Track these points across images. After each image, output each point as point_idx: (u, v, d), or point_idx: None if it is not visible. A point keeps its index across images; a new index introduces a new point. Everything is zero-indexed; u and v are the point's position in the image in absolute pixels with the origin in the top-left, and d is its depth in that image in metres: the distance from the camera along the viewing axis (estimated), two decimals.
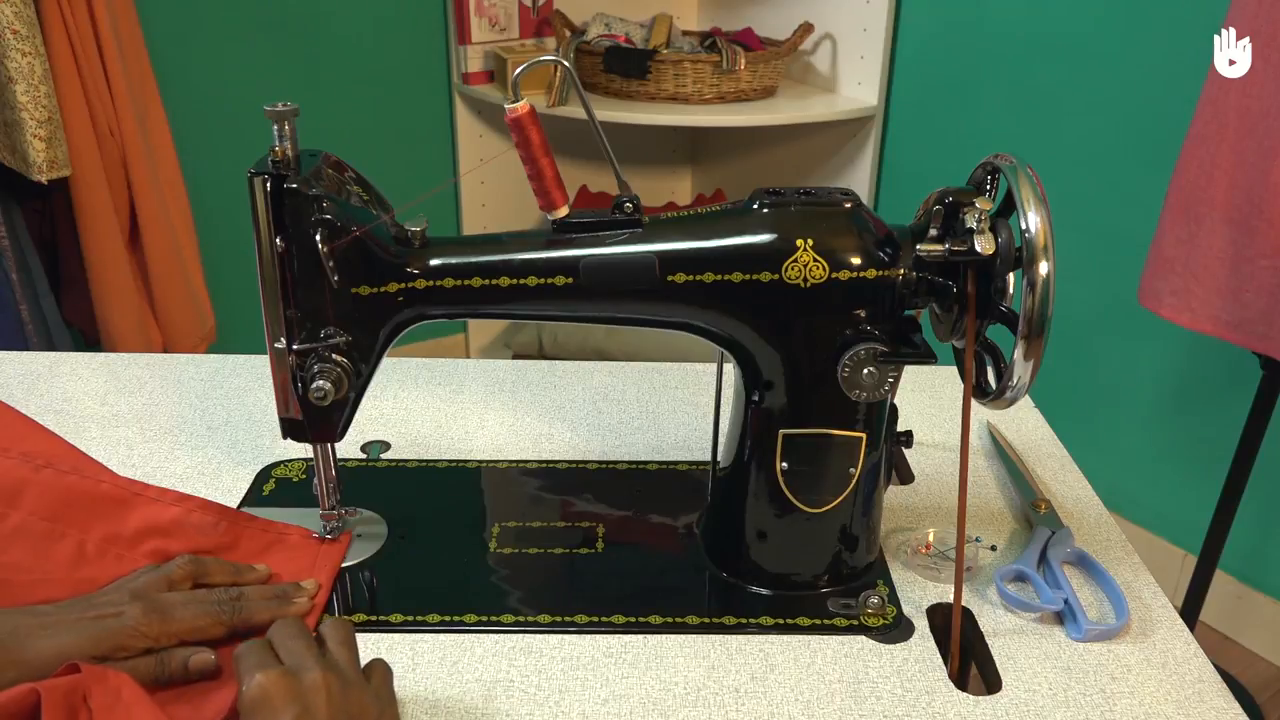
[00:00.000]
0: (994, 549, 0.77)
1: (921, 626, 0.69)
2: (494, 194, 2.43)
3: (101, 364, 1.00)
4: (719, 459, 0.76)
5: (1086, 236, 1.73)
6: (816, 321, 0.65)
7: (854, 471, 0.69)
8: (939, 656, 0.67)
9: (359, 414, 0.71)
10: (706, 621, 0.69)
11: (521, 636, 0.67)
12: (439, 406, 0.96)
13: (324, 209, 0.63)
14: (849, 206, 0.65)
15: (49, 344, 1.70)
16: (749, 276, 0.64)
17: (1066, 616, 0.69)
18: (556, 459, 0.88)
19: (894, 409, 0.70)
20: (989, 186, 0.65)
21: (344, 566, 0.73)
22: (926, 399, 0.99)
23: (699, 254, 0.65)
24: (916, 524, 0.80)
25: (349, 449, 0.88)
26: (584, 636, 0.67)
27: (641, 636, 0.68)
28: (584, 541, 0.77)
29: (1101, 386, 1.81)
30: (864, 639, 0.68)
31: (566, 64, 0.66)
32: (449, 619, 0.68)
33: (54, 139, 1.54)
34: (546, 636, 0.67)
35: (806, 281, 0.64)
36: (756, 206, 0.65)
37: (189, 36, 1.99)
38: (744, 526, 0.73)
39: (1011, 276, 0.62)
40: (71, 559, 0.69)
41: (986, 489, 0.85)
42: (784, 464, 0.69)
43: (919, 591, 0.72)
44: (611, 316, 0.69)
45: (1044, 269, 0.58)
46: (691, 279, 0.65)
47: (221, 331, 1.98)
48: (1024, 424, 0.95)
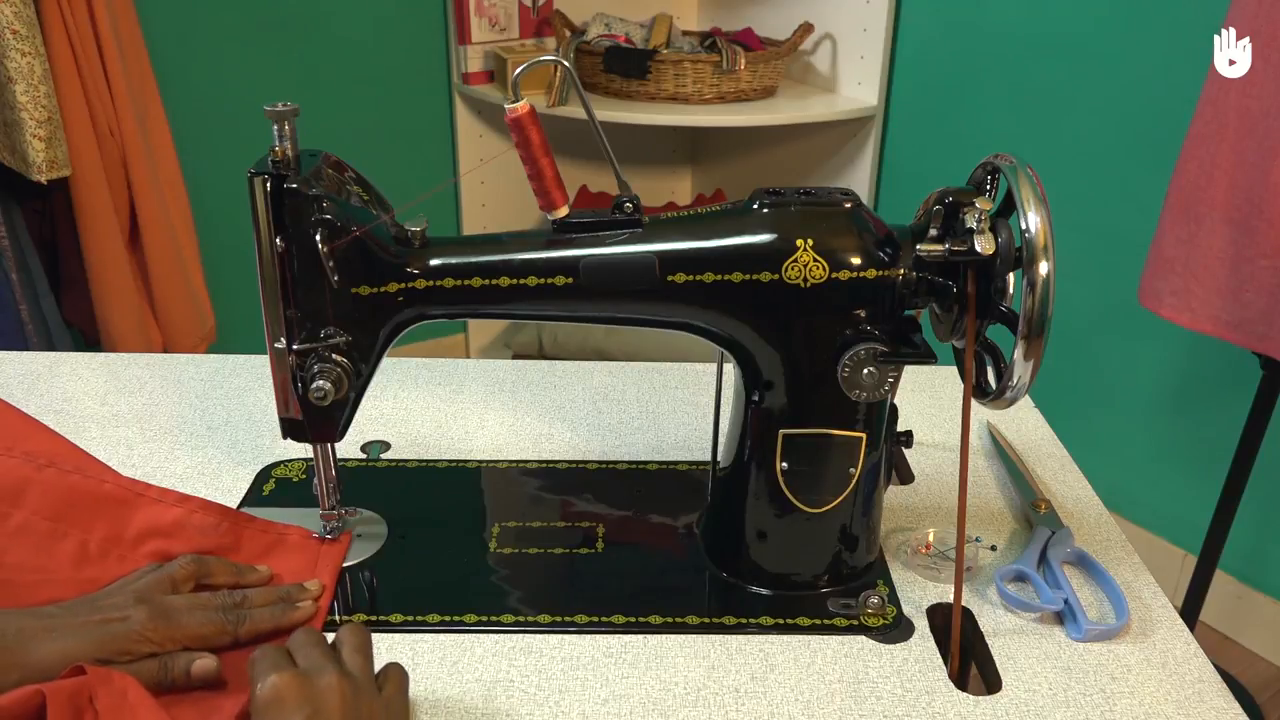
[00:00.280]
0: (994, 549, 0.77)
1: (921, 626, 0.69)
2: (494, 194, 2.43)
3: (101, 364, 1.00)
4: (719, 459, 0.76)
5: (1086, 236, 1.73)
6: (816, 321, 0.65)
7: (854, 471, 0.69)
8: (939, 656, 0.67)
9: (359, 414, 0.71)
10: (706, 621, 0.69)
11: (521, 636, 0.67)
12: (439, 406, 0.96)
13: (324, 209, 0.63)
14: (849, 206, 0.65)
15: (49, 344, 1.70)
16: (749, 276, 0.64)
17: (1066, 616, 0.69)
18: (556, 459, 0.88)
19: (894, 409, 0.70)
20: (989, 186, 0.65)
21: (344, 566, 0.73)
22: (926, 399, 0.99)
23: (699, 254, 0.65)
24: (916, 524, 0.80)
25: (349, 449, 0.88)
26: (584, 636, 0.67)
27: (641, 636, 0.68)
28: (584, 541, 0.77)
29: (1101, 386, 1.81)
30: (864, 639, 0.68)
31: (566, 64, 0.66)
32: (449, 619, 0.68)
33: (54, 139, 1.54)
34: (546, 636, 0.67)
35: (806, 281, 0.64)
36: (756, 206, 0.65)
37: (189, 36, 1.99)
38: (744, 526, 0.73)
39: (1011, 276, 0.62)
40: (74, 559, 0.69)
41: (986, 489, 0.86)
42: (784, 464, 0.69)
43: (919, 591, 0.72)
44: (611, 316, 0.69)
45: (1044, 269, 0.58)
46: (691, 279, 0.65)
47: (221, 331, 1.98)
48: (1024, 424, 0.95)
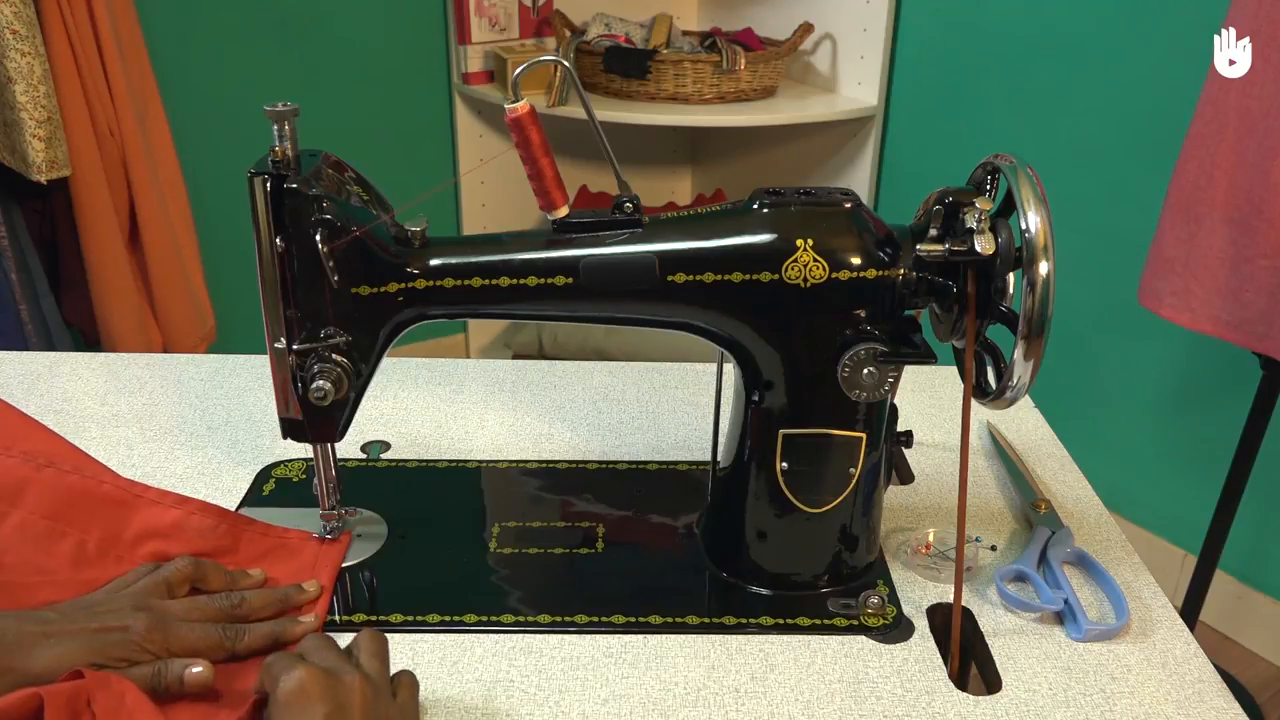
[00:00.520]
0: (994, 549, 0.77)
1: (921, 626, 0.69)
2: (494, 194, 2.43)
3: (101, 364, 1.00)
4: (719, 459, 0.76)
5: (1086, 236, 1.73)
6: (816, 321, 0.65)
7: (854, 471, 0.69)
8: (939, 656, 0.67)
9: (359, 414, 0.71)
10: (706, 621, 0.69)
11: (521, 636, 0.67)
12: (439, 406, 0.96)
13: (324, 209, 0.63)
14: (849, 206, 0.65)
15: (49, 344, 1.70)
16: (749, 276, 0.64)
17: (1066, 616, 0.69)
18: (556, 459, 0.88)
19: (894, 409, 0.70)
20: (989, 186, 0.65)
21: (344, 566, 0.73)
22: (926, 399, 0.99)
23: (699, 254, 0.65)
24: (916, 524, 0.80)
25: (349, 449, 0.88)
26: (584, 636, 0.67)
27: (641, 636, 0.68)
28: (584, 541, 0.77)
29: (1101, 386, 1.82)
30: (864, 639, 0.68)
31: (566, 64, 0.66)
32: (449, 619, 0.68)
33: (53, 139, 1.54)
34: (546, 636, 0.67)
35: (806, 281, 0.64)
36: (756, 206, 0.65)
37: (189, 36, 1.99)
38: (744, 526, 0.73)
39: (1011, 276, 0.62)
40: (72, 559, 0.69)
41: (986, 489, 0.86)
42: (784, 464, 0.69)
43: (919, 591, 0.72)
44: (611, 316, 0.69)
45: (1044, 269, 0.58)
46: (691, 279, 0.65)
47: (221, 331, 1.98)
48: (1024, 424, 0.95)
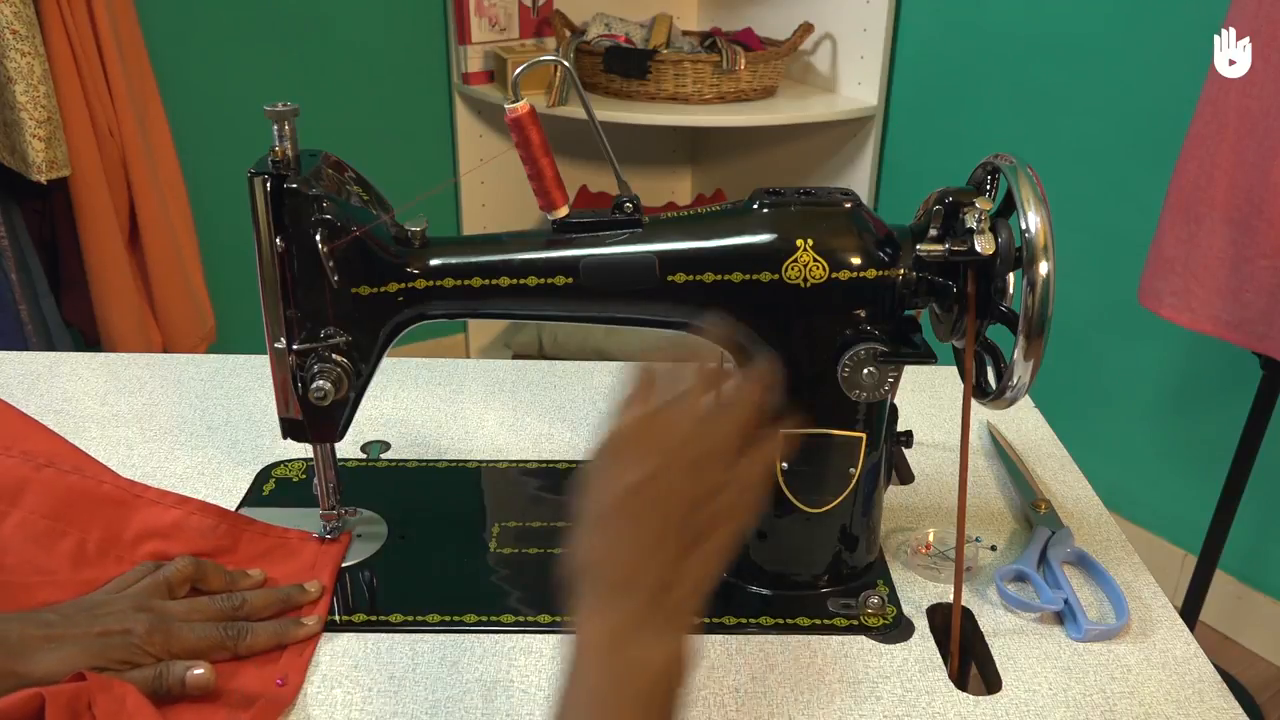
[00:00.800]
0: (994, 549, 0.77)
1: (921, 626, 0.69)
2: (494, 194, 2.43)
3: (101, 364, 1.00)
4: None
5: (1086, 236, 1.73)
6: (816, 321, 0.65)
7: (854, 471, 0.69)
8: (939, 656, 0.67)
9: (359, 414, 0.71)
10: (706, 621, 0.69)
11: (521, 636, 0.67)
12: (439, 406, 0.96)
13: (324, 209, 0.63)
14: (849, 206, 0.65)
15: (49, 344, 1.70)
16: (749, 276, 0.64)
17: (1066, 616, 0.69)
18: (556, 459, 0.88)
19: (894, 409, 0.70)
20: (989, 186, 0.65)
21: (344, 566, 0.73)
22: (926, 399, 0.99)
23: (699, 254, 0.65)
24: (916, 524, 0.80)
25: (349, 449, 0.88)
26: None
27: None
28: None
29: (1101, 386, 1.82)
30: (864, 639, 0.68)
31: (566, 64, 0.66)
32: (449, 619, 0.68)
33: (53, 139, 1.54)
34: (546, 636, 0.67)
35: (806, 281, 0.64)
36: (756, 206, 0.65)
37: (189, 36, 1.99)
38: None
39: (1011, 276, 0.62)
40: (72, 559, 0.69)
41: (986, 489, 0.85)
42: (784, 464, 0.69)
43: (919, 591, 0.72)
44: (611, 316, 0.69)
45: (1044, 269, 0.58)
46: (691, 279, 0.65)
47: (221, 331, 1.98)
48: (1024, 424, 0.95)
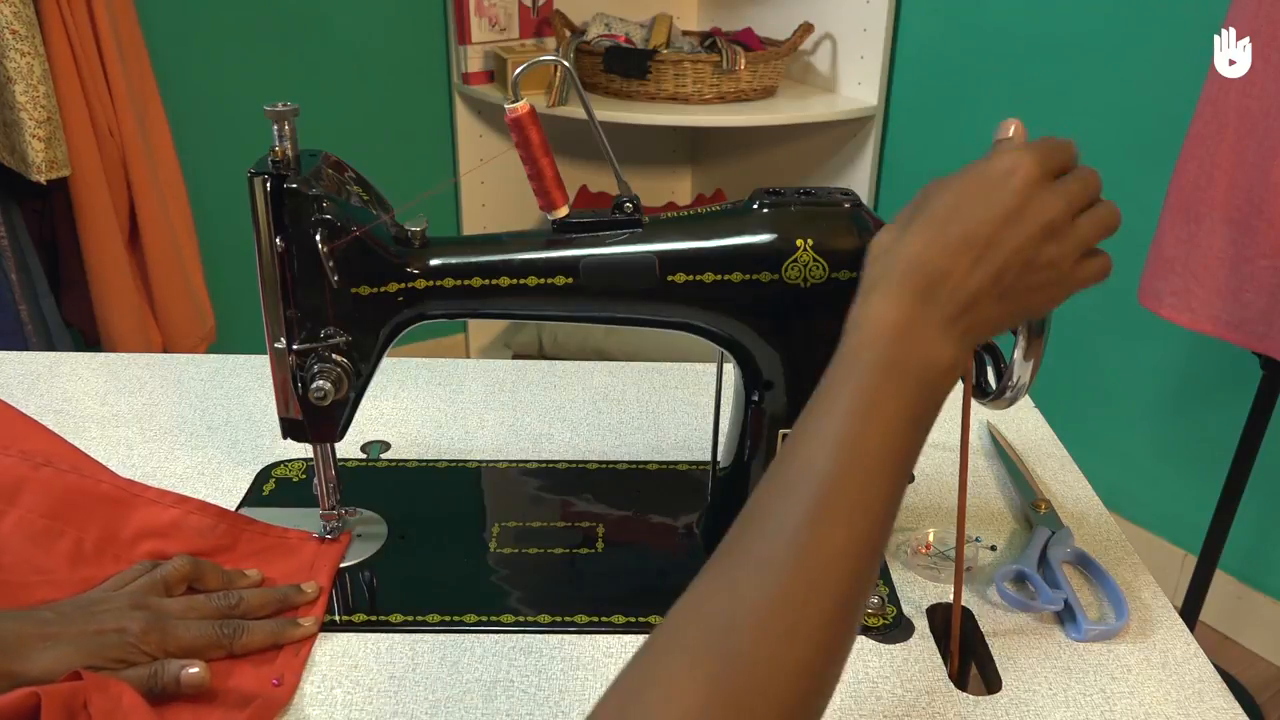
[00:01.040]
0: (994, 549, 0.77)
1: (921, 626, 0.69)
2: (494, 194, 2.43)
3: (101, 364, 1.00)
4: (719, 459, 0.76)
5: None
6: (816, 321, 0.65)
7: None
8: (939, 656, 0.67)
9: (359, 414, 0.71)
10: None
11: (521, 636, 0.67)
12: (439, 406, 0.96)
13: (324, 209, 0.63)
14: (849, 206, 0.65)
15: (49, 344, 1.70)
16: (749, 276, 0.64)
17: (1066, 616, 0.69)
18: (556, 459, 0.88)
19: None
20: None
21: (344, 566, 0.73)
22: None
23: (699, 254, 0.65)
24: (916, 524, 0.80)
25: (349, 449, 0.88)
26: (584, 636, 0.67)
27: (641, 637, 0.67)
28: (584, 541, 0.77)
29: (1101, 386, 1.81)
30: (864, 639, 0.68)
31: (566, 64, 0.66)
32: (449, 619, 0.68)
33: (53, 139, 1.54)
34: (546, 636, 0.67)
35: (806, 281, 0.64)
36: (756, 206, 0.65)
37: (189, 36, 1.99)
38: None
39: None
40: (70, 558, 0.69)
41: (986, 489, 0.85)
42: None
43: (919, 591, 0.72)
44: (611, 316, 0.69)
45: None
46: (691, 279, 0.65)
47: (221, 331, 1.98)
48: (1024, 424, 0.95)
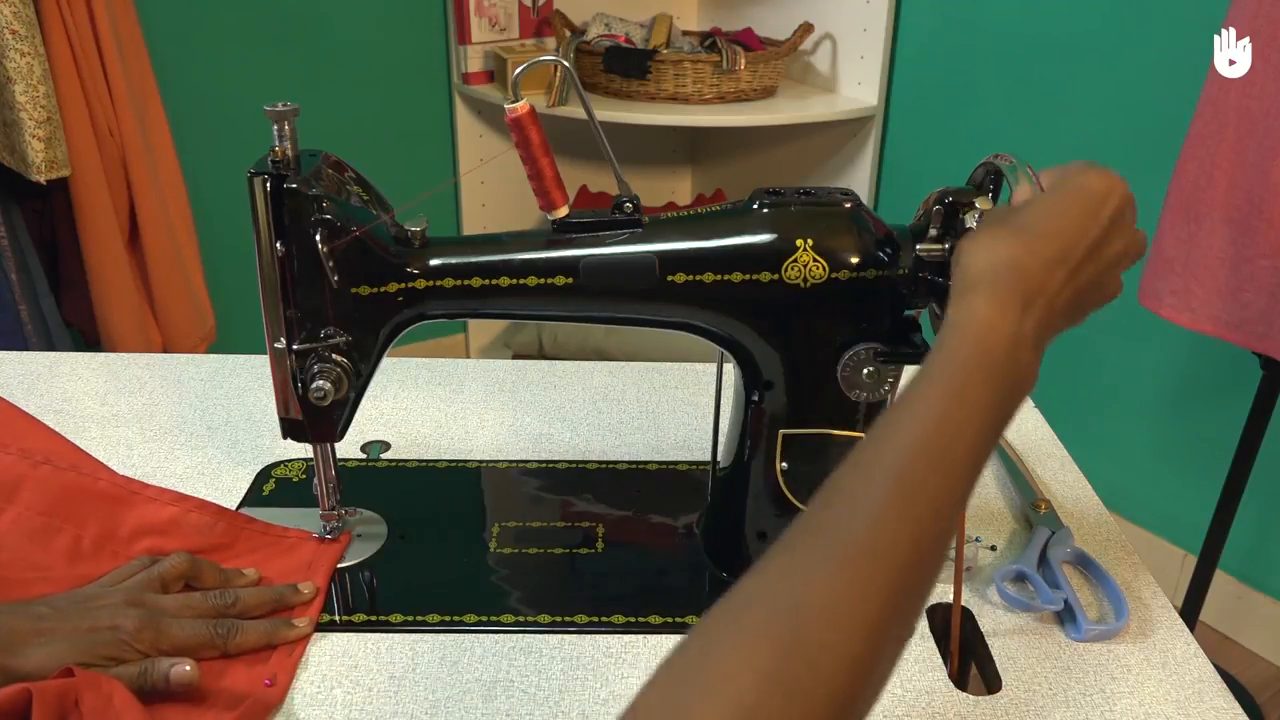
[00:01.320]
0: (994, 549, 0.77)
1: (921, 626, 0.69)
2: (494, 194, 2.43)
3: (101, 364, 1.00)
4: (719, 459, 0.76)
5: None
6: (816, 321, 0.65)
7: None
8: (939, 656, 0.67)
9: (359, 414, 0.71)
10: None
11: (521, 636, 0.67)
12: (439, 406, 0.96)
13: (324, 209, 0.63)
14: (849, 206, 0.65)
15: (49, 344, 1.70)
16: (749, 276, 0.64)
17: (1066, 616, 0.69)
18: (556, 459, 0.88)
19: None
20: (989, 186, 0.65)
21: (344, 567, 0.73)
22: None
23: (699, 254, 0.65)
24: None
25: (349, 449, 0.88)
26: (584, 636, 0.67)
27: (641, 636, 0.68)
28: (584, 541, 0.77)
29: (1101, 386, 1.81)
30: None
31: (566, 64, 0.66)
32: (449, 619, 0.68)
33: (53, 139, 1.54)
34: (546, 636, 0.67)
35: (806, 281, 0.64)
36: (756, 206, 0.65)
37: (189, 36, 1.99)
38: (744, 526, 0.73)
39: None
40: (68, 554, 0.69)
41: (986, 489, 0.85)
42: (784, 464, 0.68)
43: None
44: (611, 316, 0.69)
45: None
46: (691, 279, 0.65)
47: (221, 331, 1.98)
48: (1024, 424, 0.95)
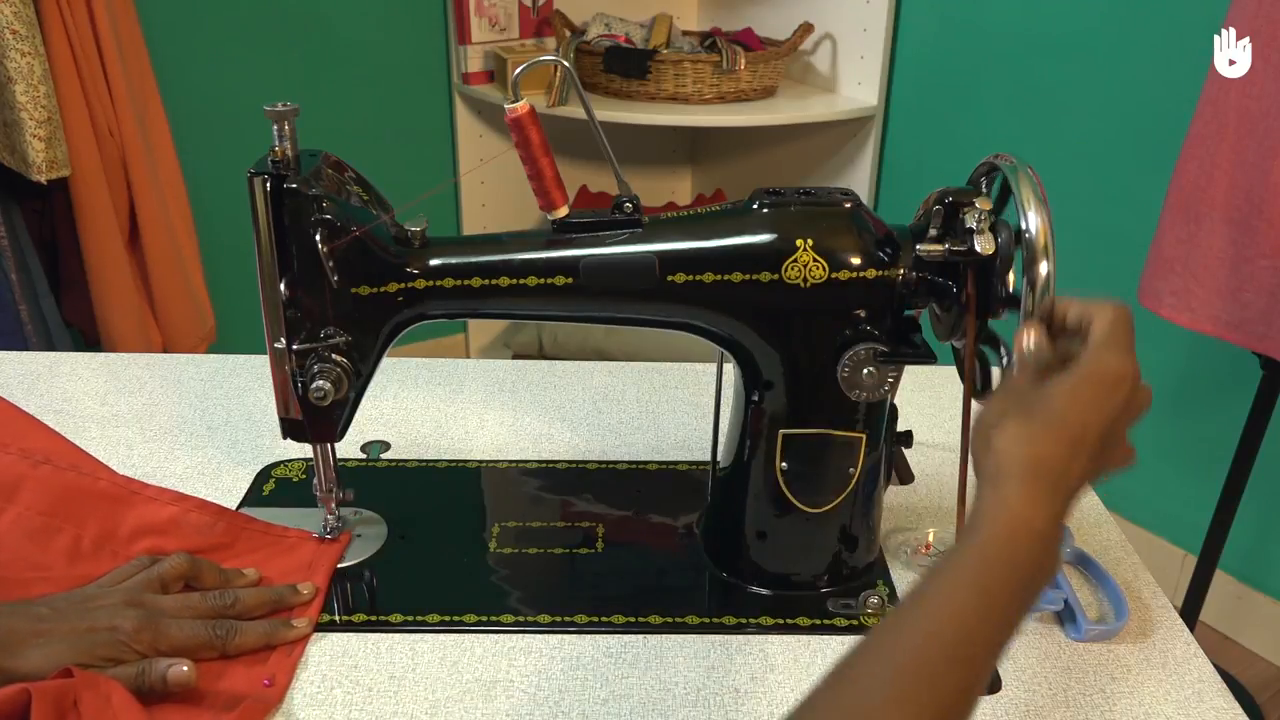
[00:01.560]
0: None
1: None
2: (494, 194, 2.43)
3: (101, 364, 1.00)
4: (719, 459, 0.76)
5: (1086, 236, 1.72)
6: (816, 321, 0.65)
7: (854, 472, 0.69)
8: None
9: (359, 414, 0.71)
10: (706, 621, 0.69)
11: (521, 636, 0.67)
12: (439, 406, 0.96)
13: (324, 209, 0.63)
14: (849, 206, 0.65)
15: (49, 344, 1.70)
16: (749, 276, 0.64)
17: (1066, 616, 0.69)
18: (556, 459, 0.88)
19: (894, 409, 0.70)
20: (989, 186, 0.65)
21: (344, 567, 0.73)
22: (926, 399, 0.99)
23: (699, 254, 0.65)
24: (916, 524, 0.80)
25: (349, 449, 0.88)
26: (584, 636, 0.67)
27: (641, 636, 0.68)
28: (584, 541, 0.77)
29: None
30: None
31: (566, 64, 0.66)
32: (449, 619, 0.68)
33: (53, 139, 1.54)
34: (546, 636, 0.67)
35: (806, 281, 0.64)
36: (756, 206, 0.65)
37: (189, 36, 1.99)
38: (744, 526, 0.73)
39: (1011, 276, 0.62)
40: (68, 554, 0.69)
41: None
42: (784, 464, 0.68)
43: None
44: (611, 316, 0.69)
45: (1044, 269, 0.58)
46: (691, 279, 0.65)
47: (221, 331, 1.98)
48: None
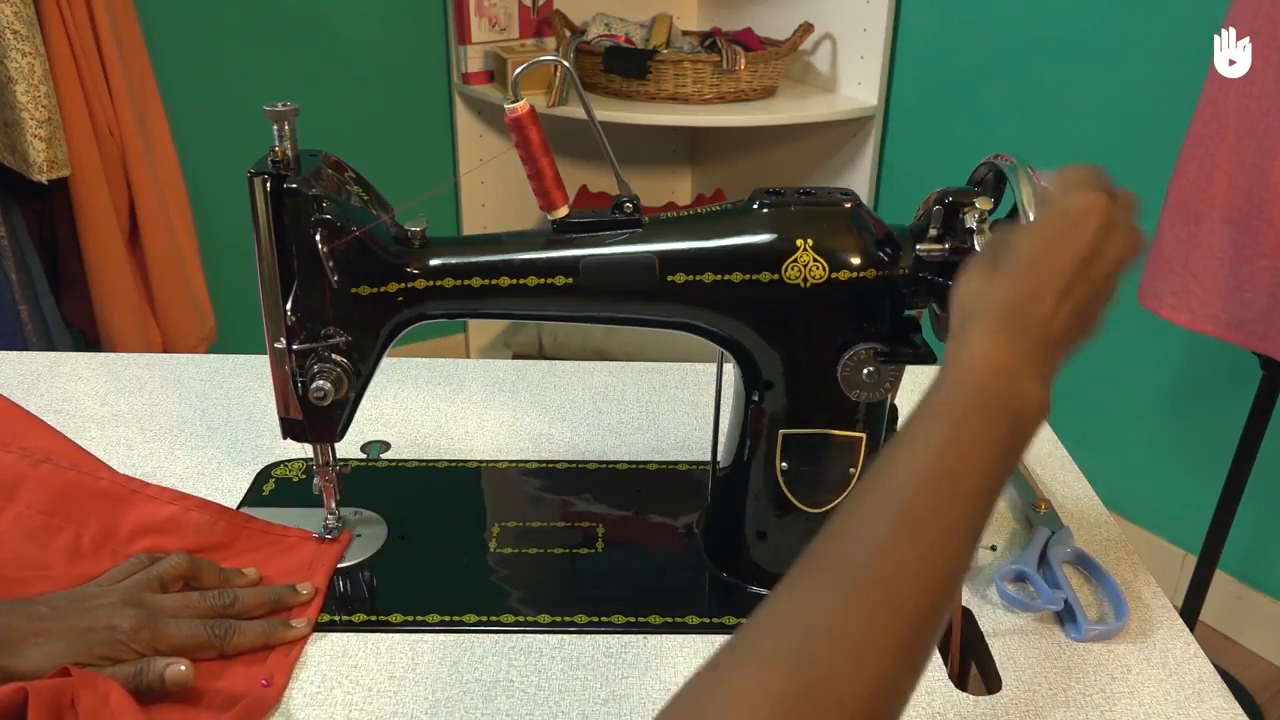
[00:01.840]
0: (994, 549, 0.77)
1: None
2: (494, 194, 2.43)
3: (101, 364, 1.00)
4: (719, 459, 0.76)
5: None
6: (816, 321, 0.65)
7: (854, 471, 0.69)
8: (939, 656, 0.67)
9: (359, 414, 0.71)
10: (706, 621, 0.69)
11: (521, 636, 0.67)
12: (439, 406, 0.96)
13: (324, 209, 0.63)
14: (849, 206, 0.65)
15: (49, 344, 1.70)
16: (749, 276, 0.64)
17: (1066, 616, 0.69)
18: (556, 459, 0.88)
19: (894, 409, 0.70)
20: (989, 186, 0.65)
21: (344, 567, 0.73)
22: None
23: (699, 254, 0.65)
24: None
25: (349, 449, 0.88)
26: (584, 636, 0.67)
27: (641, 636, 0.68)
28: (584, 541, 0.77)
29: (1101, 386, 1.81)
30: None
31: (566, 64, 0.66)
32: (449, 619, 0.68)
33: (54, 139, 1.54)
34: (546, 636, 0.67)
35: (806, 281, 0.64)
36: (756, 206, 0.65)
37: (189, 36, 1.99)
38: (744, 526, 0.73)
39: None
40: (68, 553, 0.69)
41: None
42: (784, 464, 0.69)
43: None
44: (611, 316, 0.69)
45: None
46: (691, 279, 0.65)
47: (221, 331, 1.98)
48: None
